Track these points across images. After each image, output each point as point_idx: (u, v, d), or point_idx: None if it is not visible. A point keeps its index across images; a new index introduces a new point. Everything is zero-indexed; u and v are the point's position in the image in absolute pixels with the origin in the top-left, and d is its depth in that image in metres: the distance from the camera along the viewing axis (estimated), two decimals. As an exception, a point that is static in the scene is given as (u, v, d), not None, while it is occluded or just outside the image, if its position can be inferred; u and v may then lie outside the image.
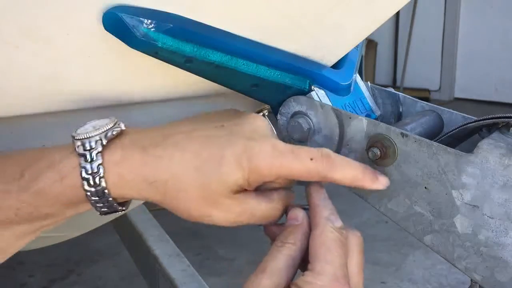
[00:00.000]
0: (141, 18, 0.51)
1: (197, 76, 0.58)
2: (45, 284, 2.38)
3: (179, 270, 1.45)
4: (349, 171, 0.50)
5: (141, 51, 0.53)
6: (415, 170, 0.55)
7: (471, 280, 0.55)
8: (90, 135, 0.48)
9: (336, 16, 0.58)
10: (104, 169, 0.47)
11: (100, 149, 0.48)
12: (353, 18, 0.60)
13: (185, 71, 0.57)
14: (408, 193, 0.56)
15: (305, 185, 0.55)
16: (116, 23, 0.51)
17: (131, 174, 0.48)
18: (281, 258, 0.47)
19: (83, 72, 0.58)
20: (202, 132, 0.50)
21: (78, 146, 0.48)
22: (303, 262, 0.48)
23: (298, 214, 0.51)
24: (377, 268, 2.44)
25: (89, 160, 0.47)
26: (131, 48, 0.53)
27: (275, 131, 0.58)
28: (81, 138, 0.48)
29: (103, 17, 0.51)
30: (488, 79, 6.06)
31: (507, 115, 0.57)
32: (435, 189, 0.54)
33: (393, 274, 2.40)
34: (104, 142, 0.48)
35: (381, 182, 0.52)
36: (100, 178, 0.47)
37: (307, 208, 0.52)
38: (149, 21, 0.52)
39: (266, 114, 0.76)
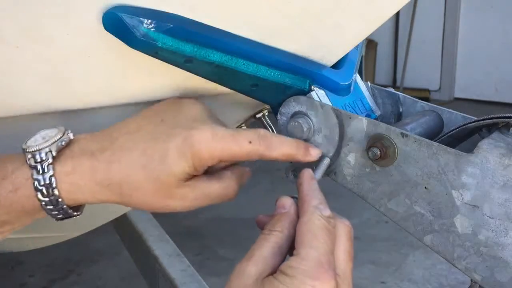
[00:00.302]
0: (141, 18, 0.51)
1: (197, 76, 0.58)
2: (45, 284, 2.38)
3: (179, 270, 1.45)
4: (284, 149, 0.53)
5: (141, 51, 0.53)
6: (415, 170, 0.55)
7: (471, 280, 0.55)
8: (40, 147, 0.49)
9: (336, 16, 0.58)
10: (56, 180, 0.49)
11: (50, 160, 0.49)
12: (353, 18, 0.60)
13: (185, 71, 0.57)
14: (408, 193, 0.56)
15: (296, 179, 0.55)
16: (116, 23, 0.51)
17: (83, 181, 0.49)
18: (267, 246, 0.48)
19: (83, 72, 0.58)
20: (144, 131, 0.52)
21: (29, 159, 0.49)
22: (291, 250, 0.48)
23: (286, 202, 0.52)
24: (377, 268, 2.44)
25: (40, 172, 0.48)
26: (131, 48, 0.53)
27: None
28: (31, 150, 0.49)
29: (103, 17, 0.51)
30: (488, 79, 6.06)
31: (507, 115, 0.57)
32: (435, 189, 0.54)
33: (393, 274, 2.40)
34: (54, 153, 0.49)
35: (312, 155, 0.56)
36: (53, 188, 0.48)
37: (297, 198, 0.52)
38: (149, 21, 0.52)
39: (266, 114, 0.76)
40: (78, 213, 0.53)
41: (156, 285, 1.55)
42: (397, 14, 6.30)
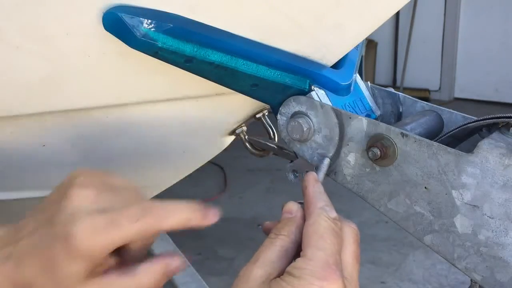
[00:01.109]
0: (141, 18, 0.51)
1: (197, 76, 0.58)
2: (45, 284, 2.38)
3: (179, 270, 1.45)
4: (179, 216, 0.48)
5: (141, 51, 0.53)
6: (415, 170, 0.55)
7: (471, 280, 0.55)
8: None
9: (336, 16, 0.58)
10: None
11: None
12: (353, 18, 0.60)
13: (185, 71, 0.57)
14: (408, 193, 0.56)
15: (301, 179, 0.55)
16: (116, 23, 0.51)
17: None
18: (273, 250, 0.47)
19: (83, 72, 0.58)
20: (36, 233, 0.48)
21: None
22: (298, 255, 0.48)
23: (292, 208, 0.51)
24: (377, 268, 2.44)
25: None
26: (131, 48, 0.53)
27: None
28: None
29: (103, 17, 0.51)
30: (488, 79, 6.05)
31: (507, 115, 0.57)
32: (435, 189, 0.54)
33: (393, 274, 2.40)
34: None
35: (211, 218, 0.49)
36: None
37: (303, 203, 0.52)
38: (149, 21, 0.52)
39: (266, 114, 0.76)
40: None
41: (156, 285, 1.55)
42: (397, 14, 6.30)
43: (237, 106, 0.71)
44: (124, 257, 0.49)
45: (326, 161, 0.60)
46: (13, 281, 0.47)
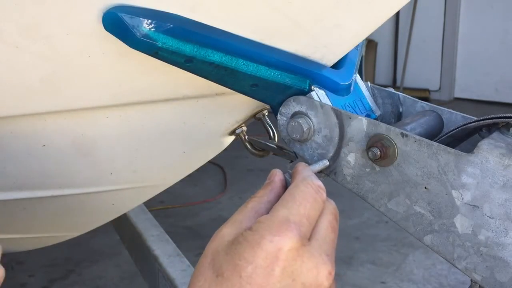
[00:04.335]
0: (141, 18, 0.51)
1: (197, 76, 0.58)
2: (45, 284, 2.38)
3: (179, 270, 1.45)
4: None
5: (141, 51, 0.53)
6: (415, 170, 0.55)
7: (471, 280, 0.55)
8: None
9: (336, 16, 0.58)
10: None
11: None
12: (353, 18, 0.60)
13: (185, 71, 0.57)
14: (408, 193, 0.56)
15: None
16: (116, 23, 0.51)
17: None
18: (243, 211, 0.48)
19: (83, 72, 0.58)
20: None
21: None
22: None
23: (273, 173, 0.52)
24: (377, 268, 2.44)
25: None
26: (131, 48, 0.53)
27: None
28: None
29: (103, 17, 0.51)
30: (488, 79, 6.05)
31: (507, 115, 0.57)
32: (435, 189, 0.54)
33: (393, 274, 2.39)
34: None
35: None
36: None
37: (290, 173, 0.52)
38: (149, 21, 0.52)
39: (266, 114, 0.76)
40: None
41: (156, 285, 1.55)
42: (397, 14, 6.30)
43: (237, 106, 0.71)
44: None
45: (324, 161, 0.60)
46: None
